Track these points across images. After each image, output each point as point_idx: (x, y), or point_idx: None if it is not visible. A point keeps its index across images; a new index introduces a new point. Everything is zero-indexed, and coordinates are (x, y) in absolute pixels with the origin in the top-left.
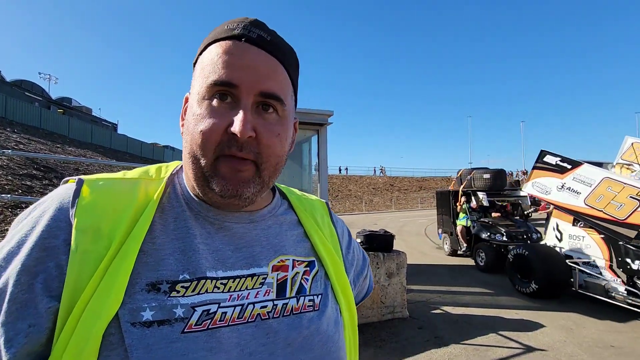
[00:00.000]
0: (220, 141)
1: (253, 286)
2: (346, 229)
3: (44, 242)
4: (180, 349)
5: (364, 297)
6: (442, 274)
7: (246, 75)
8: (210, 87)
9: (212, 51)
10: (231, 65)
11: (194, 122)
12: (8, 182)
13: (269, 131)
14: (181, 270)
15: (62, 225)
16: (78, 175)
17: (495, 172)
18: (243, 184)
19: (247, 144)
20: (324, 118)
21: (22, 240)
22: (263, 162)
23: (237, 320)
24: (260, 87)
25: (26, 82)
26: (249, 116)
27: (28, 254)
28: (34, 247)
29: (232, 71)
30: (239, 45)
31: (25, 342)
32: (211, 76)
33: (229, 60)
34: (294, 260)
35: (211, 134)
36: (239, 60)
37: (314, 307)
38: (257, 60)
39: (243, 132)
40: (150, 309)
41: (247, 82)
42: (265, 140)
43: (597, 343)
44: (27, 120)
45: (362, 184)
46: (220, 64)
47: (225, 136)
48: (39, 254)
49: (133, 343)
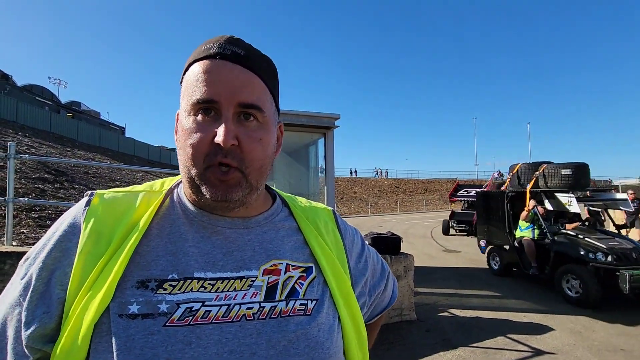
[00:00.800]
0: (208, 152)
1: (241, 288)
2: (359, 238)
3: (61, 244)
4: (158, 340)
5: (386, 307)
6: (449, 277)
7: (224, 90)
8: (194, 105)
9: (193, 71)
10: (210, 82)
11: (184, 136)
12: (22, 186)
13: (250, 137)
14: (170, 271)
15: (75, 231)
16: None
17: (578, 167)
18: (231, 189)
19: (231, 152)
20: (331, 121)
21: (46, 243)
22: (247, 166)
23: (222, 318)
24: (238, 99)
25: (37, 87)
26: (230, 126)
27: (48, 254)
28: (53, 248)
29: (211, 88)
30: (215, 63)
31: (39, 325)
32: (194, 95)
33: (207, 78)
34: (287, 265)
35: (199, 146)
36: (216, 76)
37: (305, 312)
38: (232, 75)
39: (225, 142)
40: (137, 304)
41: (225, 96)
42: (247, 146)
43: (607, 346)
44: (37, 125)
45: (367, 186)
46: (200, 82)
47: (212, 147)
48: (56, 254)
49: (117, 332)
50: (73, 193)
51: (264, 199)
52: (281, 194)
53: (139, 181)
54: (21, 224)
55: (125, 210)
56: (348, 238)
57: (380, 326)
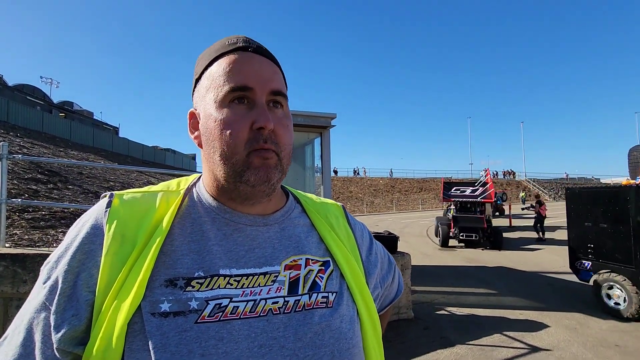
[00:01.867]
0: (248, 138)
1: (265, 283)
2: (367, 232)
3: (84, 247)
4: (192, 337)
5: (394, 298)
6: (446, 276)
7: (258, 78)
8: (228, 94)
9: (221, 64)
10: (243, 71)
11: (218, 127)
12: (14, 187)
13: (281, 124)
14: (196, 268)
15: (98, 232)
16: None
17: None
18: (271, 171)
19: (269, 137)
20: (327, 121)
21: (68, 246)
22: (281, 150)
23: (249, 314)
24: (271, 87)
25: (28, 87)
26: (268, 112)
27: (72, 256)
28: (77, 251)
29: (246, 76)
30: (246, 55)
31: (69, 329)
32: (227, 84)
33: (241, 68)
34: (307, 259)
35: (239, 134)
36: (249, 66)
37: (327, 304)
38: (262, 66)
39: (268, 125)
40: (167, 302)
41: (260, 83)
42: (281, 132)
43: (602, 342)
44: (29, 125)
45: (362, 185)
46: (233, 72)
47: (252, 133)
48: (80, 257)
49: (152, 330)
50: (67, 194)
51: (280, 195)
52: (292, 190)
53: (134, 181)
54: (14, 225)
55: (147, 211)
56: (358, 232)
57: (388, 317)
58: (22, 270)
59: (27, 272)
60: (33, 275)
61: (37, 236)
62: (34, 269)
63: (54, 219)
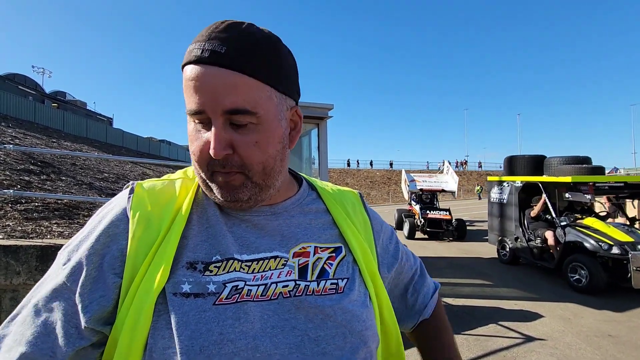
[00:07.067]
0: (208, 162)
1: (276, 267)
2: (386, 224)
3: (108, 230)
4: (210, 317)
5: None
6: (442, 267)
7: (207, 99)
8: (188, 114)
9: (184, 76)
10: (195, 91)
11: (189, 142)
12: (6, 178)
13: (245, 143)
14: (214, 253)
15: (122, 217)
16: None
17: None
18: (237, 190)
19: (228, 161)
20: (324, 112)
21: (92, 230)
22: (248, 170)
23: (261, 297)
24: (222, 107)
25: (19, 76)
26: (220, 136)
27: (97, 240)
28: (101, 234)
29: (196, 98)
30: (196, 69)
31: (97, 309)
32: (187, 104)
33: (192, 86)
34: (316, 247)
35: (201, 155)
36: (199, 84)
37: (337, 290)
38: (214, 80)
39: (216, 154)
40: (188, 283)
41: (209, 105)
42: (243, 152)
43: (595, 332)
44: (20, 115)
45: (359, 177)
46: (187, 91)
47: (209, 156)
48: (105, 240)
49: (174, 309)
50: (60, 185)
51: (289, 185)
52: (308, 178)
53: (129, 172)
54: (6, 216)
55: (169, 198)
56: (376, 221)
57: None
58: (15, 262)
59: (20, 264)
60: (26, 267)
61: (30, 227)
62: (27, 260)
63: (47, 211)
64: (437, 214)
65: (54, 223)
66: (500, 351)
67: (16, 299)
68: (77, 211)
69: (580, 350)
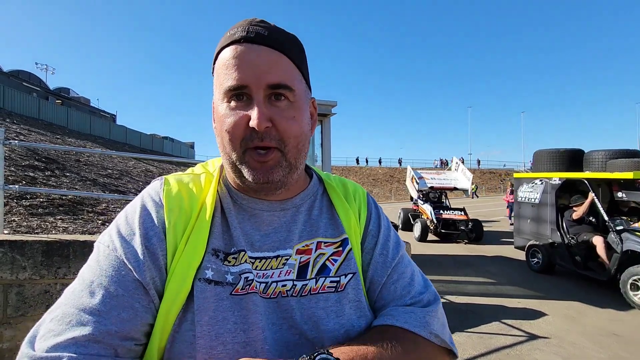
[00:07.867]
0: (243, 136)
1: (277, 266)
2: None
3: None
4: (227, 306)
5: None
6: (445, 264)
7: (252, 74)
8: (226, 92)
9: (221, 58)
10: (237, 68)
11: (220, 123)
12: (11, 174)
13: (284, 117)
14: (232, 245)
15: (157, 207)
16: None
17: None
18: (271, 170)
19: (267, 134)
20: (328, 109)
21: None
22: (285, 145)
23: (262, 294)
24: (267, 81)
25: (23, 73)
26: (263, 109)
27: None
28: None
29: (239, 73)
30: (240, 48)
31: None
32: (225, 83)
33: (235, 64)
34: (318, 242)
35: (235, 131)
36: (243, 61)
37: (337, 288)
38: (259, 57)
39: (259, 125)
40: (211, 270)
41: (253, 79)
42: (283, 126)
43: (600, 331)
44: (25, 111)
45: (362, 175)
46: (229, 69)
47: (248, 131)
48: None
49: (197, 294)
50: (64, 181)
51: (301, 179)
52: (317, 171)
53: (132, 169)
54: (12, 212)
55: (196, 189)
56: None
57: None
58: (21, 257)
59: (25, 259)
60: (32, 262)
61: (35, 223)
62: (32, 255)
63: (52, 206)
64: (453, 214)
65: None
66: (504, 349)
67: (22, 294)
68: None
69: (584, 349)
